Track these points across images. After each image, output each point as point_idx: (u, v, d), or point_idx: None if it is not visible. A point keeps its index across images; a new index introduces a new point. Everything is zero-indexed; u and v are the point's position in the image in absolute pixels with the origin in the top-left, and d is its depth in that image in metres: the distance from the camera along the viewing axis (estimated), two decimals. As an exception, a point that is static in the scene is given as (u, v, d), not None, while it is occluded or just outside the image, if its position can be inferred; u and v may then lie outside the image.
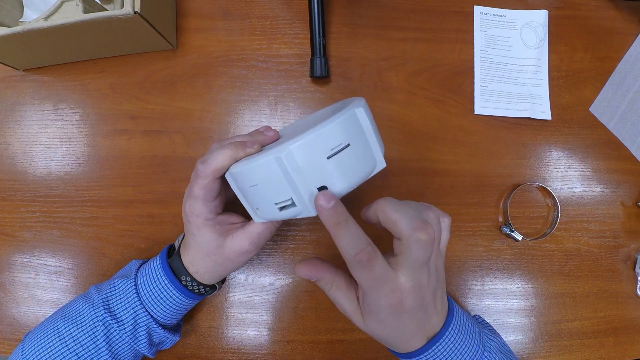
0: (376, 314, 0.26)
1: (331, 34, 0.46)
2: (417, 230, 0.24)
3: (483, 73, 0.47)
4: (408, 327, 0.27)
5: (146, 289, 0.32)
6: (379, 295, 0.25)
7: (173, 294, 0.31)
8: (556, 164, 0.47)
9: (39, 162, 0.43)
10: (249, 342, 0.41)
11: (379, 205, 0.26)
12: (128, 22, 0.37)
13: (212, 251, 0.30)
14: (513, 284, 0.44)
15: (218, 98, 0.45)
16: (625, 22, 0.50)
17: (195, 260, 0.31)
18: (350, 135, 0.24)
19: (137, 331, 0.31)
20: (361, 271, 0.24)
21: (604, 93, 0.48)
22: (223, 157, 0.27)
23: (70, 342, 0.30)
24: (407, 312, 0.26)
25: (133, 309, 0.31)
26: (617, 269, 0.46)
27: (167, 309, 0.32)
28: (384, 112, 0.45)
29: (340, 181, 0.24)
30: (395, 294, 0.25)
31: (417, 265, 0.25)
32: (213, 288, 0.34)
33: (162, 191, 0.43)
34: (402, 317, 0.26)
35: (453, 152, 0.45)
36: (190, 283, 0.32)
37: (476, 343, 0.29)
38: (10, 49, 0.39)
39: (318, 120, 0.26)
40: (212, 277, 0.32)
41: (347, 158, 0.24)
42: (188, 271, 0.31)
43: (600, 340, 0.44)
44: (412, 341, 0.28)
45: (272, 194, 0.25)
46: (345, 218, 0.24)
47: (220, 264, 0.30)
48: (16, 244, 0.42)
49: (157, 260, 0.33)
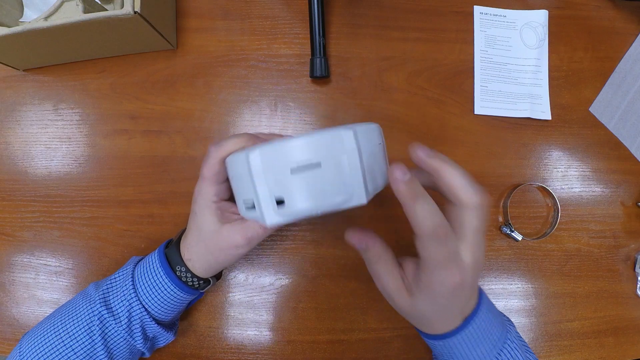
0: (433, 292, 0.26)
1: (331, 34, 0.46)
2: (476, 196, 0.24)
3: (483, 73, 0.47)
4: (457, 306, 0.27)
5: (142, 280, 0.32)
6: (444, 274, 0.25)
7: (166, 285, 0.31)
8: (556, 164, 0.47)
9: (39, 162, 0.43)
10: (249, 342, 0.41)
11: (444, 164, 0.26)
12: (128, 22, 0.37)
13: (208, 236, 0.30)
14: (513, 284, 0.44)
15: (218, 98, 0.45)
16: (625, 22, 0.50)
17: (191, 245, 0.31)
18: (325, 155, 0.22)
19: (132, 325, 0.31)
20: (436, 246, 0.24)
21: (604, 93, 0.48)
22: (234, 143, 0.28)
23: (66, 338, 0.30)
24: (464, 291, 0.26)
25: (128, 301, 0.31)
26: (617, 269, 0.46)
27: (160, 301, 0.32)
28: (384, 112, 0.45)
29: (301, 200, 0.23)
30: (460, 273, 0.25)
31: (478, 236, 0.25)
32: (207, 282, 0.34)
33: (162, 191, 0.43)
34: (458, 295, 0.26)
35: (453, 152, 0.45)
36: (184, 274, 0.32)
37: (500, 324, 0.30)
38: (10, 49, 0.39)
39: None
40: (203, 268, 0.31)
41: (315, 178, 0.22)
42: (182, 258, 0.31)
43: (600, 340, 0.44)
44: (453, 320, 0.28)
45: (242, 190, 0.26)
46: (422, 191, 0.24)
47: (211, 253, 0.30)
48: (16, 244, 0.42)
49: (155, 252, 0.33)
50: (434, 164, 0.26)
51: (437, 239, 0.24)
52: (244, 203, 0.26)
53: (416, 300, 0.27)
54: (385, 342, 0.42)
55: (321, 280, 0.43)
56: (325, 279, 0.43)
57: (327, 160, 0.22)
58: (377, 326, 0.42)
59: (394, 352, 0.42)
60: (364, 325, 0.42)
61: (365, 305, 0.42)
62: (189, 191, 0.42)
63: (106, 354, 0.31)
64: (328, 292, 0.42)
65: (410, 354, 0.42)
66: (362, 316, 0.42)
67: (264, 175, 0.23)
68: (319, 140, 0.22)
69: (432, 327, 0.29)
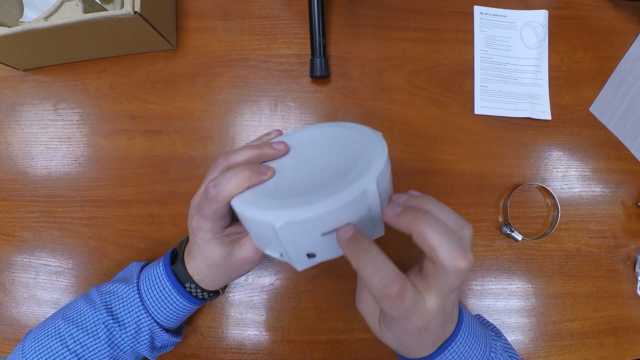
0: (397, 334, 0.26)
1: (331, 34, 0.46)
2: (458, 260, 0.21)
3: (483, 73, 0.47)
4: (426, 342, 0.26)
5: (150, 294, 0.32)
6: (404, 323, 0.24)
7: (177, 300, 0.32)
8: (556, 164, 0.47)
9: (39, 162, 0.43)
10: (249, 342, 0.41)
11: (415, 222, 0.22)
12: (128, 22, 0.37)
13: (219, 261, 0.30)
14: (513, 284, 0.44)
15: (218, 98, 0.45)
16: (625, 22, 0.50)
17: (201, 269, 0.31)
18: (353, 214, 0.23)
19: (139, 333, 0.32)
20: (390, 305, 0.22)
21: (604, 93, 0.48)
22: (236, 184, 0.26)
23: (70, 343, 0.30)
24: (430, 332, 0.25)
25: (136, 313, 0.31)
26: (617, 269, 0.46)
27: (170, 313, 0.32)
28: (384, 112, 0.45)
29: (331, 251, 0.24)
30: (422, 319, 0.23)
31: (449, 291, 0.23)
32: (216, 293, 0.34)
33: (162, 191, 0.43)
34: (423, 336, 0.25)
35: (453, 152, 0.45)
36: (194, 290, 0.32)
37: (483, 344, 0.29)
38: (10, 49, 0.39)
39: (326, 165, 0.26)
40: (216, 285, 0.32)
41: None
42: (193, 279, 0.31)
43: (600, 340, 0.44)
44: (426, 349, 0.27)
45: (265, 242, 0.26)
46: (368, 247, 0.22)
47: (226, 273, 0.31)
48: (16, 244, 0.42)
49: (161, 266, 0.32)
50: (403, 225, 0.22)
51: (389, 297, 0.21)
52: (267, 249, 0.27)
53: (383, 334, 0.27)
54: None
55: (321, 280, 0.43)
56: (325, 279, 0.43)
57: (355, 217, 0.23)
58: (377, 326, 0.42)
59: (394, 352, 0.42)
60: (364, 325, 0.42)
61: (365, 305, 0.42)
62: (188, 191, 0.43)
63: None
64: (328, 292, 0.42)
65: (410, 354, 0.42)
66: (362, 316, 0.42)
67: (292, 239, 0.23)
68: (346, 205, 0.22)
69: (403, 354, 0.29)
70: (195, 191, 0.31)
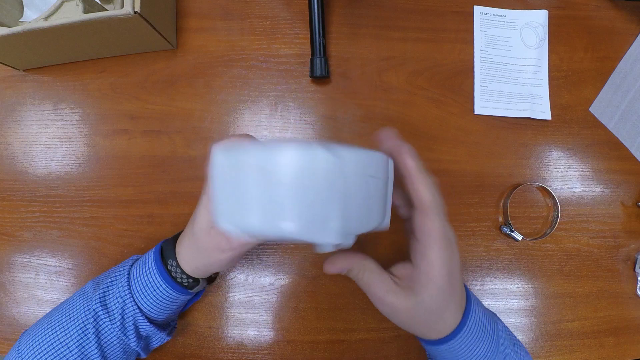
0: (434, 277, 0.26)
1: (331, 34, 0.46)
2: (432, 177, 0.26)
3: (483, 73, 0.47)
4: (456, 293, 0.28)
5: (136, 278, 0.32)
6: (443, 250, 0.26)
7: (158, 282, 0.31)
8: (556, 164, 0.47)
9: (39, 162, 0.43)
10: (249, 342, 0.41)
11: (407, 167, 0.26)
12: (128, 22, 0.37)
13: (198, 232, 0.29)
14: (513, 284, 0.44)
15: (218, 98, 0.45)
16: (625, 22, 0.50)
17: (183, 238, 0.32)
18: (378, 170, 0.24)
19: (125, 323, 0.31)
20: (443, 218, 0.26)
21: (604, 93, 0.48)
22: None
23: (62, 335, 0.30)
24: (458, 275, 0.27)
25: (122, 299, 0.31)
26: (617, 269, 0.46)
27: (152, 299, 0.32)
28: (384, 112, 0.45)
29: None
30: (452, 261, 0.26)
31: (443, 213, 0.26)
32: (196, 282, 0.33)
33: (162, 191, 0.43)
34: (456, 278, 0.27)
35: (453, 152, 0.45)
36: (174, 269, 0.32)
37: (489, 315, 0.31)
38: (10, 49, 0.39)
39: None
40: (190, 266, 0.31)
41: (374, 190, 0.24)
42: (176, 257, 0.32)
43: (600, 340, 0.44)
44: (455, 313, 0.28)
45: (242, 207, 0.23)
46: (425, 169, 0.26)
47: (199, 251, 0.30)
48: (16, 244, 0.42)
49: (153, 249, 0.33)
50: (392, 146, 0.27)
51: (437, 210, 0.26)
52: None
53: (417, 296, 0.27)
54: (385, 342, 0.42)
55: (321, 280, 0.43)
56: (325, 279, 0.43)
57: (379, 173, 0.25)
58: (377, 326, 0.42)
59: (393, 352, 0.42)
60: (364, 325, 0.42)
61: (365, 305, 0.42)
62: (188, 191, 0.43)
63: (99, 353, 0.31)
64: (328, 292, 0.42)
65: (410, 354, 0.42)
66: (362, 316, 0.42)
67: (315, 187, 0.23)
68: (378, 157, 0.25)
69: (434, 328, 0.28)
70: (196, 191, 0.31)
